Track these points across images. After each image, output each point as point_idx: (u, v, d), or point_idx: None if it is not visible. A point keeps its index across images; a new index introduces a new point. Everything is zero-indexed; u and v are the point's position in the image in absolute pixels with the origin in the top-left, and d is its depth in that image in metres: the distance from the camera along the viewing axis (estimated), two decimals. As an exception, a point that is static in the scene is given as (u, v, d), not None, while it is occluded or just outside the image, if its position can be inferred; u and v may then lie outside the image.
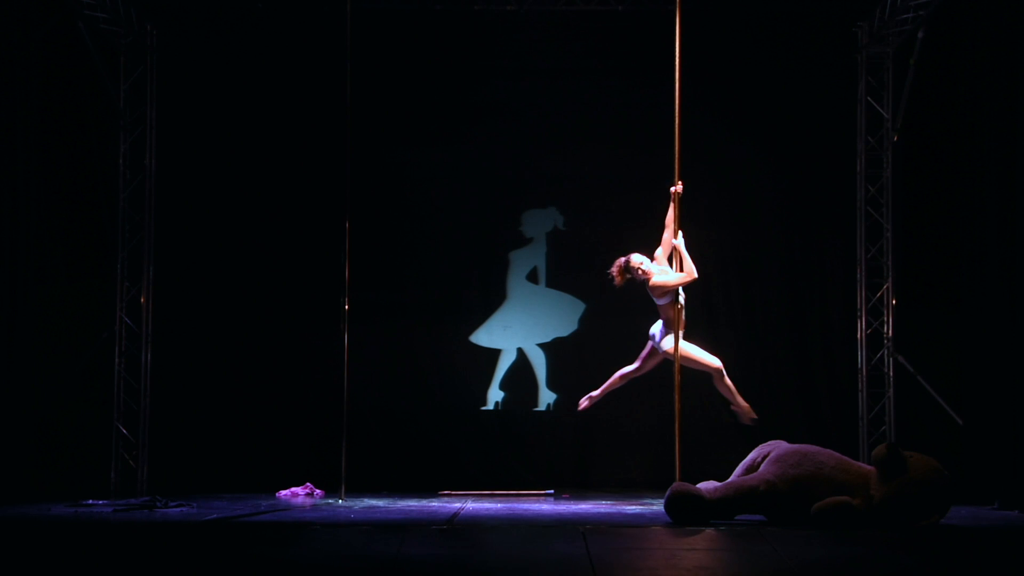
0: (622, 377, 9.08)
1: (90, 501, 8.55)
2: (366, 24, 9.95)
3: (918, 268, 11.00)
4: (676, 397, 8.53)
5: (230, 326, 11.05)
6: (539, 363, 11.07)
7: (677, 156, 8.53)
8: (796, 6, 10.65)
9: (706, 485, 7.36)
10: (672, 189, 8.55)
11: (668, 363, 8.70)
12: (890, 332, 10.83)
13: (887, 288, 10.88)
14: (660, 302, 8.68)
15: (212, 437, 10.85)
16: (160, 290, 10.94)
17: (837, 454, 7.22)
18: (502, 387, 11.09)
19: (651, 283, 8.62)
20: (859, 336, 10.89)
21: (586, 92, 11.18)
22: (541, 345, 11.12)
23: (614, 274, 8.79)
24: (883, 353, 10.85)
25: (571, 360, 11.00)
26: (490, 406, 11.09)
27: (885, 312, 10.89)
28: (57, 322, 10.59)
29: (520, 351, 11.11)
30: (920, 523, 6.88)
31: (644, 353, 8.98)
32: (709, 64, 10.50)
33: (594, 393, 9.15)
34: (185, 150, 11.06)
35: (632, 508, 8.48)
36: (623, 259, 8.76)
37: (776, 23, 10.81)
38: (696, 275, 8.54)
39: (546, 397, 11.09)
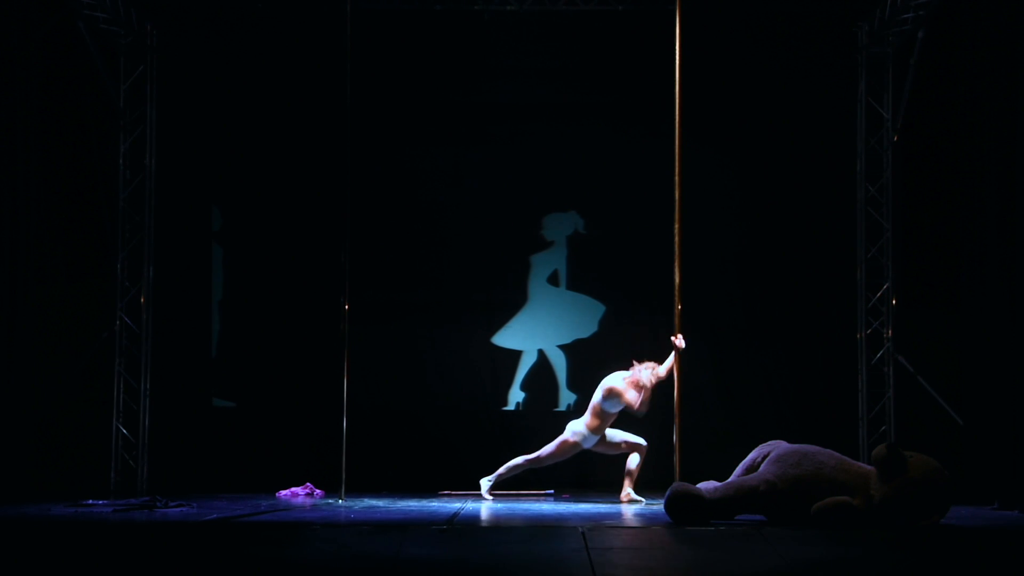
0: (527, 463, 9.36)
1: (90, 501, 8.54)
2: (366, 24, 9.95)
3: (918, 268, 11.00)
4: (676, 397, 8.54)
5: (230, 326, 11.06)
6: (559, 364, 11.10)
7: (677, 158, 8.55)
8: (796, 6, 10.65)
9: (706, 485, 7.35)
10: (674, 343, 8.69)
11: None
12: (890, 332, 10.83)
13: (887, 288, 10.88)
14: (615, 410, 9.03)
15: (212, 437, 10.86)
16: (160, 290, 10.95)
17: (837, 454, 7.22)
18: (523, 388, 11.12)
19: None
20: (859, 336, 10.89)
21: (587, 93, 11.17)
22: (561, 346, 11.13)
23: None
24: (883, 353, 10.85)
25: (591, 361, 11.04)
26: (511, 407, 11.11)
27: (885, 312, 10.88)
28: (57, 322, 10.59)
29: (541, 352, 11.14)
30: (920, 523, 6.88)
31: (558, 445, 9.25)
32: (709, 64, 10.49)
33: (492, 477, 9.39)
34: (185, 150, 11.06)
35: (632, 508, 8.49)
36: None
37: (776, 23, 10.81)
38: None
39: (566, 398, 11.10)
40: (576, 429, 9.21)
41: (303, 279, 10.96)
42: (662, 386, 9.13)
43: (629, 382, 8.98)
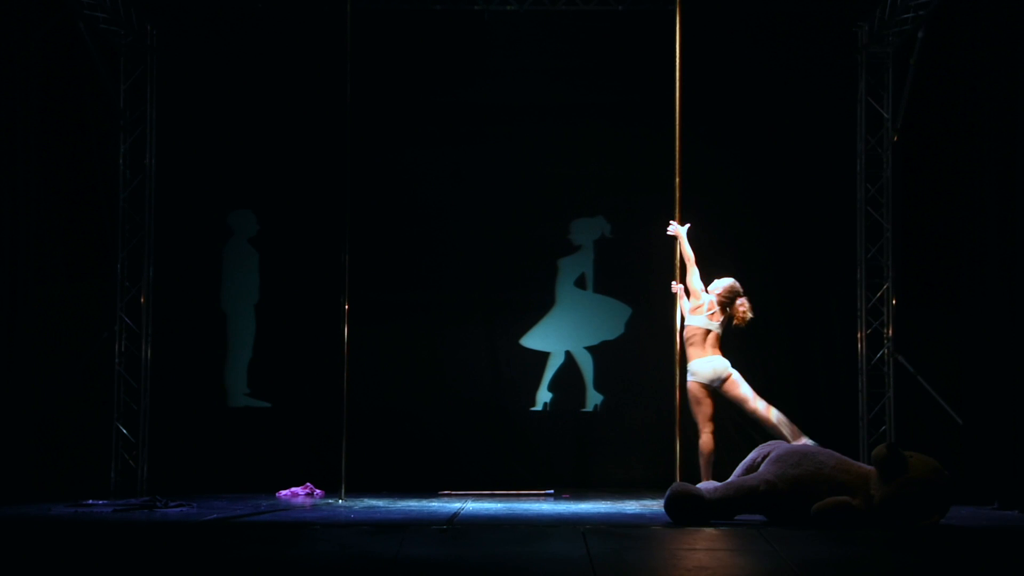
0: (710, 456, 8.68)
1: (90, 501, 8.55)
2: (366, 24, 9.95)
3: (918, 268, 11.00)
4: (676, 397, 8.54)
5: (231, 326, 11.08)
6: (587, 366, 11.13)
7: (678, 158, 8.56)
8: (796, 6, 10.66)
9: (706, 485, 7.36)
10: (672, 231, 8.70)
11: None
12: (890, 332, 10.83)
13: (887, 288, 10.88)
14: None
15: (212, 437, 10.86)
16: (160, 290, 10.95)
17: (837, 454, 7.22)
18: (550, 388, 11.13)
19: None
20: (859, 336, 10.89)
21: (588, 94, 11.16)
22: (589, 348, 11.15)
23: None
24: (883, 353, 10.85)
25: (617, 363, 11.05)
26: (539, 407, 11.13)
27: (885, 312, 10.88)
28: (57, 322, 10.58)
29: (568, 354, 11.16)
30: (920, 523, 6.88)
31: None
32: (709, 64, 10.49)
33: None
34: (185, 150, 11.06)
35: (632, 508, 8.49)
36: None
37: (776, 23, 10.81)
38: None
39: (593, 398, 11.12)
40: (694, 369, 8.72)
41: (305, 278, 10.95)
42: (662, 387, 9.14)
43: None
